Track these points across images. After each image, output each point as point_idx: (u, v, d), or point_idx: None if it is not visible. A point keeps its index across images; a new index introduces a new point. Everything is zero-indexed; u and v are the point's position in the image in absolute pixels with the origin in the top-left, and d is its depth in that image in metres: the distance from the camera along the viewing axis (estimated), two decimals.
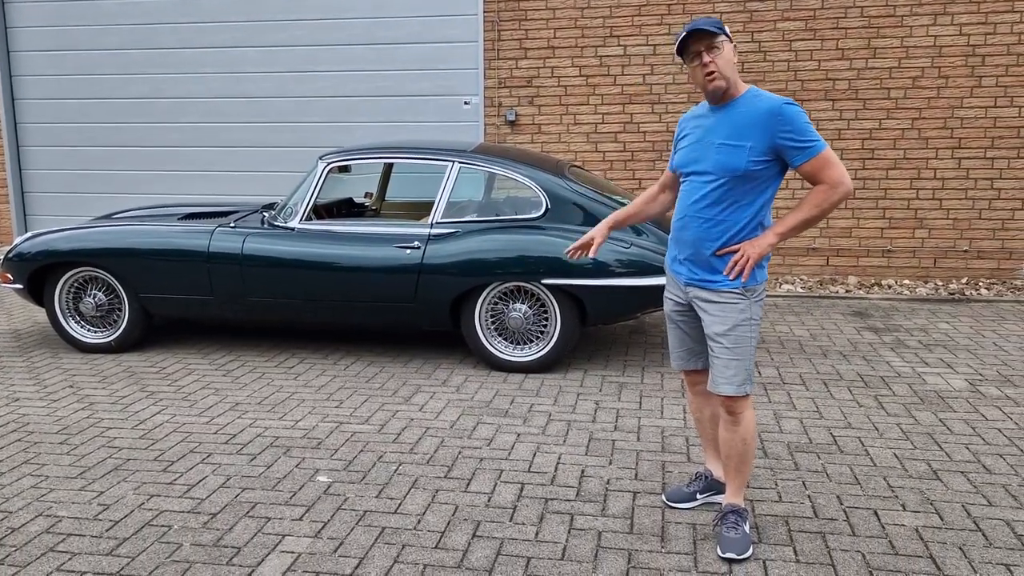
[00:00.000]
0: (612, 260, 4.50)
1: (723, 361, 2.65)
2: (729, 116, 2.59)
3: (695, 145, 2.66)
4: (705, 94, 2.61)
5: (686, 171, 2.69)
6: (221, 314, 5.01)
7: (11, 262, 5.14)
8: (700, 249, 2.65)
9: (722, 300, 2.63)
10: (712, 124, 2.62)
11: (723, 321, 2.63)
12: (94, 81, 8.48)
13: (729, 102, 2.60)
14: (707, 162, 2.60)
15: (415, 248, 4.66)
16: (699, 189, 2.63)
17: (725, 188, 2.58)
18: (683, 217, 2.69)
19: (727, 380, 2.66)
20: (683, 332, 2.87)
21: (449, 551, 2.77)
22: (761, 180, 2.58)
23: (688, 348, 2.88)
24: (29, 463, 3.53)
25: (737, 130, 2.56)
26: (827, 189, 2.53)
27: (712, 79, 2.54)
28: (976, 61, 6.99)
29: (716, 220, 2.61)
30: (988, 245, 7.19)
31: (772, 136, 2.51)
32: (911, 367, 4.75)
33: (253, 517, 3.02)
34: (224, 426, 3.95)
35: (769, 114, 2.52)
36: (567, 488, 3.24)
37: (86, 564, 2.72)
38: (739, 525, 2.75)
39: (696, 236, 2.65)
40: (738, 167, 2.54)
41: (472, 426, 3.91)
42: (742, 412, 2.71)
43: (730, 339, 2.63)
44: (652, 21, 7.38)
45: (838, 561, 2.68)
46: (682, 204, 2.70)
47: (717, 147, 2.58)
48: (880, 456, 3.51)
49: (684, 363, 2.92)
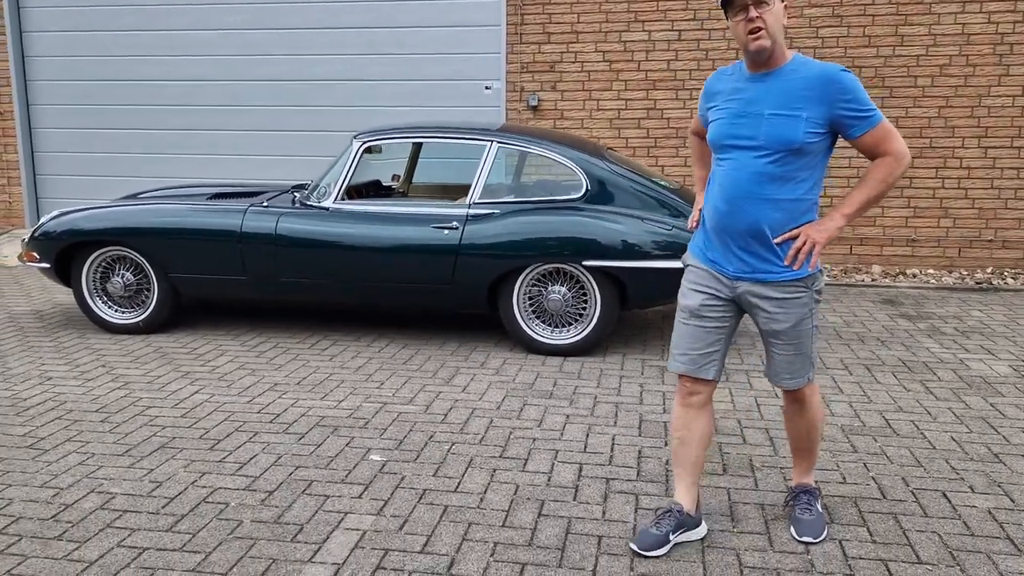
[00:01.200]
0: (654, 243, 4.44)
1: (787, 359, 2.51)
2: (779, 83, 2.35)
3: (737, 117, 2.39)
4: (746, 55, 2.37)
5: (727, 144, 2.40)
6: (253, 294, 4.93)
7: (38, 241, 5.06)
8: (757, 235, 2.38)
9: (783, 295, 2.41)
10: (757, 93, 2.37)
11: (786, 318, 2.43)
12: (107, 63, 8.36)
13: (775, 69, 2.36)
14: (758, 135, 2.34)
15: (453, 228, 4.59)
16: (750, 166, 2.36)
17: (780, 164, 2.33)
18: (731, 199, 2.39)
19: (791, 375, 2.53)
20: (705, 332, 2.52)
21: (517, 529, 2.72)
22: (815, 155, 2.36)
23: (704, 351, 2.53)
24: (72, 441, 3.46)
25: (790, 99, 2.32)
26: (891, 162, 2.33)
27: (757, 37, 2.29)
28: (1004, 50, 6.94)
29: (774, 200, 2.35)
30: (1014, 235, 7.16)
31: (831, 105, 2.30)
32: (952, 353, 4.72)
33: (311, 495, 2.96)
34: (266, 406, 3.88)
35: (827, 81, 2.30)
36: (627, 468, 3.18)
37: (146, 540, 2.65)
38: (812, 505, 2.68)
39: (753, 221, 2.37)
40: (795, 139, 2.30)
41: (519, 407, 3.86)
42: (807, 400, 2.60)
43: (793, 335, 2.45)
44: (677, 6, 7.31)
45: (915, 542, 2.63)
46: (728, 185, 2.39)
47: (768, 118, 2.33)
48: (938, 439, 3.47)
49: (695, 367, 2.54)
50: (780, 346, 2.49)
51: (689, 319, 2.54)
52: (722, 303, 2.51)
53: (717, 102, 2.47)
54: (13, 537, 2.67)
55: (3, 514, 2.82)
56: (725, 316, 2.53)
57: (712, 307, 2.51)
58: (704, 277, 2.52)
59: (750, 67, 2.41)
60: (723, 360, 2.58)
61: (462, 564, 2.51)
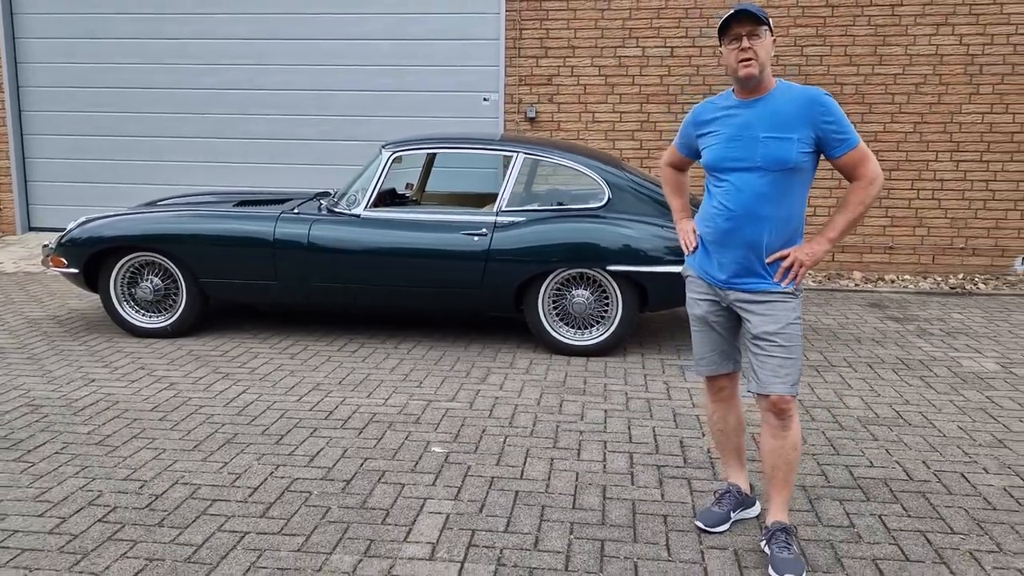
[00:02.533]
0: (672, 249, 4.73)
1: (777, 360, 2.56)
2: (769, 108, 2.52)
3: (732, 141, 2.56)
4: (736, 80, 2.55)
5: (725, 167, 2.58)
6: (283, 299, 5.10)
7: (66, 247, 5.15)
8: (754, 250, 2.56)
9: (771, 300, 2.58)
10: (749, 118, 2.54)
11: (774, 320, 2.56)
12: (101, 70, 8.41)
13: (764, 95, 2.55)
14: (754, 157, 2.51)
15: (483, 235, 4.82)
16: (749, 186, 2.53)
17: (777, 183, 2.51)
18: (733, 217, 2.56)
19: (781, 379, 2.56)
20: (716, 334, 2.76)
21: (588, 511, 2.96)
22: (805, 172, 2.54)
23: (721, 351, 2.78)
24: (138, 438, 3.60)
25: (782, 122, 2.50)
26: (867, 185, 2.51)
27: (747, 65, 2.48)
28: (974, 70, 7.42)
29: (772, 217, 2.54)
30: (983, 243, 7.63)
31: (815, 125, 2.48)
32: (943, 352, 5.08)
33: (387, 483, 3.16)
34: (316, 404, 4.06)
35: (811, 102, 2.49)
36: (673, 456, 3.45)
37: (244, 525, 2.83)
38: (790, 544, 2.60)
39: (752, 236, 2.55)
40: (789, 159, 2.49)
41: (558, 403, 4.10)
42: (792, 415, 2.60)
43: (783, 337, 2.56)
44: (670, 24, 7.65)
45: (945, 516, 2.93)
46: (730, 204, 2.57)
47: (763, 141, 2.50)
48: (946, 428, 3.80)
49: (716, 367, 2.80)
50: (773, 347, 2.56)
51: (701, 327, 2.79)
52: (721, 308, 2.73)
53: (710, 128, 2.65)
54: (115, 525, 2.83)
55: (97, 504, 2.97)
56: (728, 319, 2.75)
57: (716, 312, 2.74)
58: (703, 287, 2.74)
59: (739, 93, 2.59)
60: (737, 352, 2.82)
61: (546, 542, 2.74)
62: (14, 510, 2.92)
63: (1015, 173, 7.52)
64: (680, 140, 2.86)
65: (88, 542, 2.71)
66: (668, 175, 3.00)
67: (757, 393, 2.62)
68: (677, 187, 2.99)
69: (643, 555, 2.66)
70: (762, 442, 2.68)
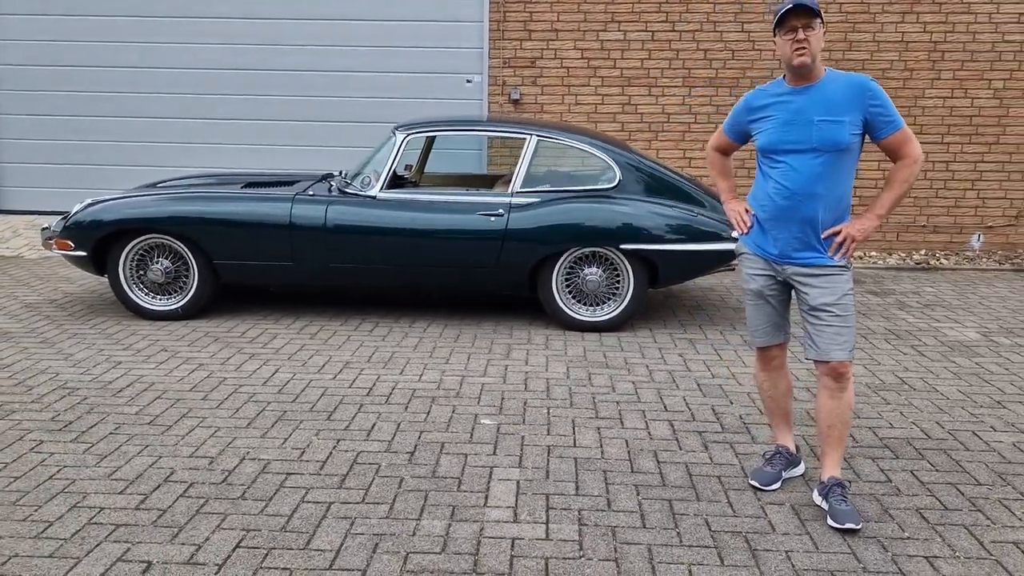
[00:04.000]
0: (682, 227, 4.94)
1: (835, 329, 2.76)
2: (822, 94, 2.73)
3: (787, 125, 2.77)
4: (788, 68, 2.76)
5: (782, 149, 2.78)
6: (298, 280, 5.15)
7: (73, 230, 5.10)
8: (811, 225, 2.76)
9: (827, 273, 2.79)
10: (803, 103, 2.75)
11: (832, 292, 2.77)
12: (77, 48, 8.18)
13: (815, 82, 2.75)
14: (810, 139, 2.72)
15: (499, 216, 4.95)
16: (805, 166, 2.74)
17: (831, 163, 2.72)
18: (790, 196, 2.77)
19: (839, 346, 2.77)
20: (771, 307, 2.98)
21: (647, 474, 3.15)
22: (854, 152, 2.76)
23: (775, 323, 3.01)
24: (188, 417, 3.66)
25: (834, 106, 2.71)
26: (910, 163, 2.73)
27: (801, 54, 2.68)
28: (937, 56, 7.82)
29: (826, 195, 2.75)
30: (943, 221, 8.07)
31: (864, 109, 2.69)
32: (926, 323, 5.44)
33: (449, 454, 3.30)
34: (352, 381, 4.16)
35: (860, 88, 2.70)
36: (711, 423, 3.67)
37: (325, 496, 2.94)
38: (846, 497, 2.82)
39: (808, 213, 2.76)
40: (842, 141, 2.70)
41: (586, 376, 4.28)
42: (848, 377, 2.81)
43: (839, 307, 2.76)
44: (651, 9, 7.84)
45: (968, 470, 3.22)
46: (788, 183, 2.78)
47: (818, 124, 2.71)
48: (947, 391, 4.11)
49: (771, 337, 3.03)
50: (830, 317, 2.77)
51: (756, 300, 3.01)
52: (777, 283, 2.96)
53: (764, 114, 2.85)
54: (198, 499, 2.90)
55: (174, 480, 3.04)
56: (782, 292, 2.99)
57: (771, 287, 2.97)
58: (759, 263, 2.96)
59: (791, 81, 2.81)
60: (787, 324, 3.06)
61: (618, 502, 2.92)
62: (92, 488, 2.97)
63: (972, 155, 7.97)
64: (730, 125, 3.06)
65: (179, 516, 2.78)
66: (715, 159, 3.19)
67: (816, 360, 2.83)
68: (723, 170, 3.19)
69: (710, 512, 2.87)
70: (819, 403, 2.90)
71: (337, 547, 2.61)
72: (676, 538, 2.70)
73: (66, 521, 2.74)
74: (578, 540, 2.67)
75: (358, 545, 2.62)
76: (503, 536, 2.69)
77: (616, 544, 2.65)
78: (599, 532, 2.72)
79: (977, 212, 8.05)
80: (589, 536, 2.70)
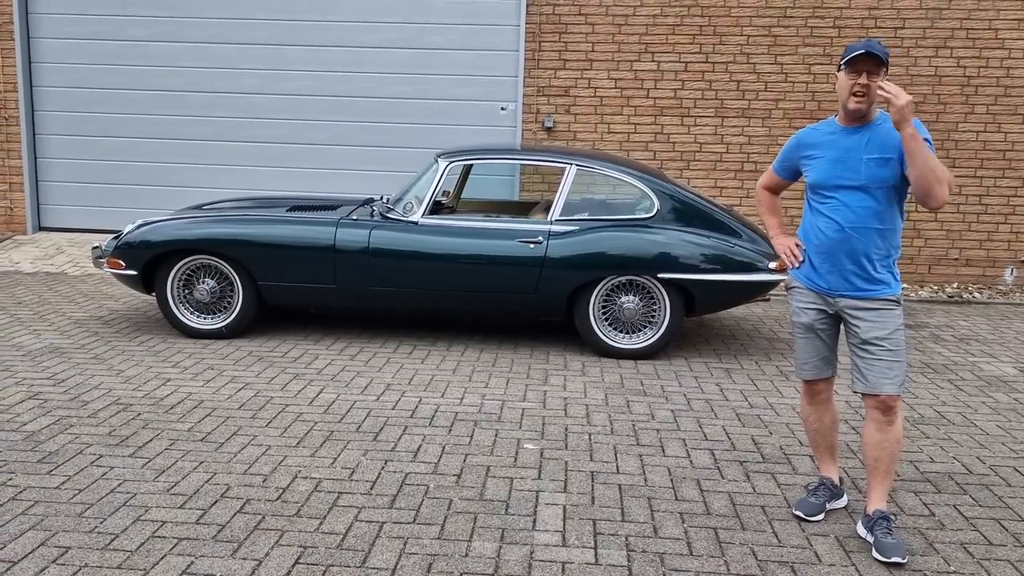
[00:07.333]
0: (719, 258, 5.01)
1: (886, 363, 2.83)
2: (876, 134, 2.83)
3: (837, 163, 2.87)
4: (843, 108, 2.85)
5: (831, 184, 2.88)
6: (340, 302, 5.26)
7: (124, 250, 5.25)
8: (866, 257, 2.84)
9: (879, 307, 2.86)
10: (856, 142, 2.85)
11: (883, 326, 2.84)
12: (115, 71, 8.42)
13: (869, 123, 2.85)
14: (859, 176, 2.82)
15: (538, 243, 5.04)
16: (859, 203, 2.83)
17: (879, 199, 2.82)
18: (843, 230, 2.85)
19: (891, 380, 2.83)
20: (821, 341, 3.04)
21: (691, 502, 3.20)
22: (902, 189, 2.85)
23: (824, 357, 3.07)
24: (239, 435, 3.75)
25: (886, 146, 2.81)
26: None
27: (860, 100, 2.78)
28: (970, 91, 7.86)
29: (881, 229, 2.83)
30: (975, 254, 8.07)
31: None
32: (962, 357, 5.45)
33: (495, 478, 3.37)
34: (396, 403, 4.24)
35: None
36: (751, 452, 3.71)
37: (378, 516, 3.01)
38: (891, 530, 2.85)
39: (863, 247, 2.84)
40: (890, 177, 2.80)
41: (624, 403, 4.34)
42: (897, 411, 2.86)
43: (891, 341, 2.83)
44: (685, 40, 7.96)
45: (1012, 505, 3.24)
46: (838, 218, 2.86)
47: (867, 162, 2.81)
48: (986, 427, 4.13)
49: (819, 371, 3.08)
50: (881, 351, 2.84)
51: (806, 334, 3.07)
52: (827, 317, 3.02)
53: (815, 152, 2.96)
54: (255, 516, 2.99)
55: (230, 497, 3.13)
56: (831, 326, 3.05)
57: (821, 321, 3.03)
58: (809, 296, 3.03)
59: (843, 121, 2.90)
60: (835, 359, 3.11)
61: (664, 530, 2.97)
62: (153, 502, 3.06)
63: (1006, 188, 7.98)
64: (780, 163, 3.16)
65: (237, 531, 2.87)
66: (764, 197, 3.30)
67: (864, 393, 2.88)
68: (772, 207, 3.29)
69: (755, 542, 2.91)
70: (866, 435, 2.95)
71: (393, 566, 2.68)
72: (724, 566, 2.74)
73: (130, 533, 2.83)
74: (627, 566, 2.72)
75: (413, 564, 2.69)
76: (553, 560, 2.75)
77: (665, 570, 2.70)
78: (647, 559, 2.78)
79: (1010, 246, 8.04)
80: (638, 562, 2.75)
